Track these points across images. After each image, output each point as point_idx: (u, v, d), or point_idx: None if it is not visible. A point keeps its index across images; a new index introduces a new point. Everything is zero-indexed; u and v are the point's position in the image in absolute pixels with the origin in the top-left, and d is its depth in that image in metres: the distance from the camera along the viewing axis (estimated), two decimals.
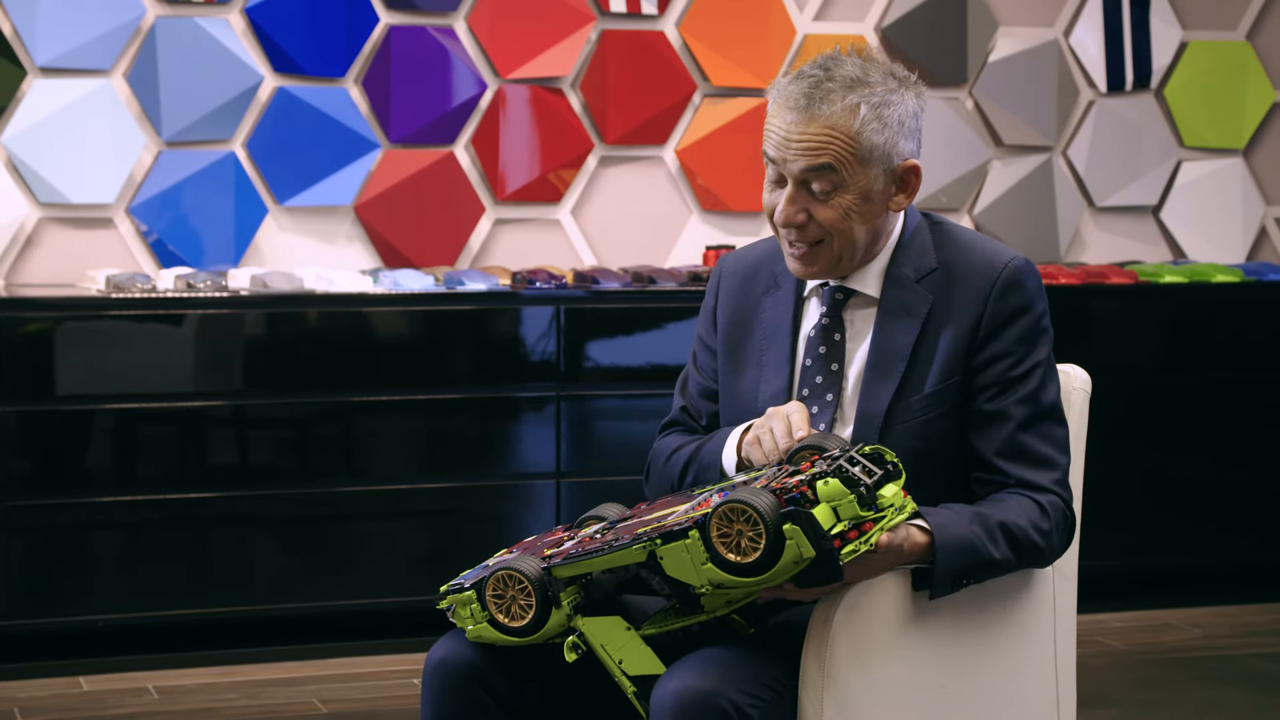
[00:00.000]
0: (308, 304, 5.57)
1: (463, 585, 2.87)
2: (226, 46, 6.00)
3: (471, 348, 5.71)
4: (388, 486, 5.63)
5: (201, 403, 5.50)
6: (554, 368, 5.74)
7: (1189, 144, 6.91)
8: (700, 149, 6.43)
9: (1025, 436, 2.91)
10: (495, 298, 5.72)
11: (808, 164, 2.90)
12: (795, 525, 2.63)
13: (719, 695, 2.67)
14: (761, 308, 3.09)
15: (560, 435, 5.75)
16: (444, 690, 2.88)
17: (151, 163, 5.97)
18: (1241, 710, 5.09)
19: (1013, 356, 2.92)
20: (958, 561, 2.79)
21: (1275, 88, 7.00)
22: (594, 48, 6.34)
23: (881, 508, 2.71)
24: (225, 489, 5.49)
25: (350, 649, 5.60)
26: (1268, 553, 6.39)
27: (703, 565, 2.69)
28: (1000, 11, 6.71)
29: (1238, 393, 6.30)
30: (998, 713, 2.93)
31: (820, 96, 2.89)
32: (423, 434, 5.68)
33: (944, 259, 2.99)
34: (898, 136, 2.92)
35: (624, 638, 2.81)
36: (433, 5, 6.17)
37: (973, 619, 2.89)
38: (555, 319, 5.73)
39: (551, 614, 2.79)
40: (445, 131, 6.21)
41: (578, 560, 2.78)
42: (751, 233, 6.49)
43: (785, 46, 6.50)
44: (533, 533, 5.69)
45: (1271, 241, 7.02)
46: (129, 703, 5.16)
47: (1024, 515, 2.87)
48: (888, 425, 2.92)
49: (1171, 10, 6.85)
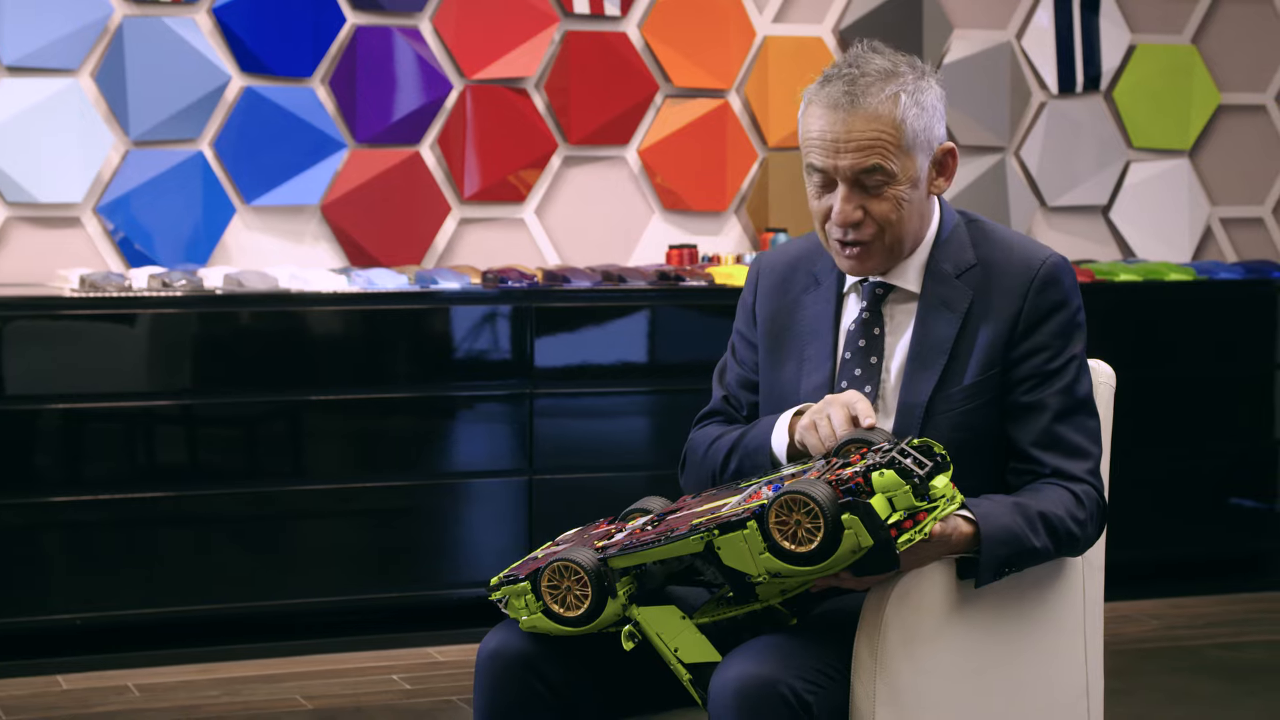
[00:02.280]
0: (285, 303, 5.60)
1: (517, 576, 2.92)
2: (194, 46, 6.01)
3: (445, 346, 5.74)
4: (364, 485, 5.66)
5: (189, 400, 5.52)
6: (527, 365, 5.78)
7: (1137, 145, 7.04)
8: (662, 149, 6.50)
9: (1061, 427, 3.00)
10: (469, 297, 5.77)
11: (859, 159, 2.96)
12: (854, 515, 2.70)
13: (779, 682, 2.74)
14: (801, 304, 3.16)
15: (532, 433, 5.80)
16: (497, 680, 2.93)
17: (119, 162, 5.97)
18: (1212, 699, 5.21)
19: (1050, 350, 3.01)
20: (1002, 551, 2.88)
21: (1220, 90, 7.14)
22: (558, 48, 6.39)
23: (934, 498, 2.78)
24: (220, 487, 5.51)
25: (327, 645, 5.63)
26: (1219, 545, 6.53)
27: (760, 555, 2.75)
28: (954, 14, 6.82)
29: (1191, 388, 6.43)
30: (1033, 698, 3.01)
31: (860, 91, 2.96)
32: (396, 432, 5.71)
33: (982, 256, 3.07)
34: (933, 121, 3.01)
35: (679, 626, 2.87)
36: (399, 6, 6.20)
37: (1010, 607, 2.97)
38: (528, 317, 5.77)
39: (607, 604, 2.85)
40: (411, 131, 6.25)
41: (635, 551, 2.84)
42: (712, 232, 6.57)
43: (745, 48, 6.58)
44: (509, 529, 5.75)
45: (1216, 241, 7.16)
46: (111, 701, 5.17)
47: (1061, 505, 2.95)
48: (929, 416, 3.00)
49: (1120, 13, 6.98)
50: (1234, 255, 7.16)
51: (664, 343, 5.94)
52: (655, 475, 5.86)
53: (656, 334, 5.93)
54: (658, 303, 5.92)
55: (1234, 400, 6.54)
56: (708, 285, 6.01)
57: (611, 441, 5.94)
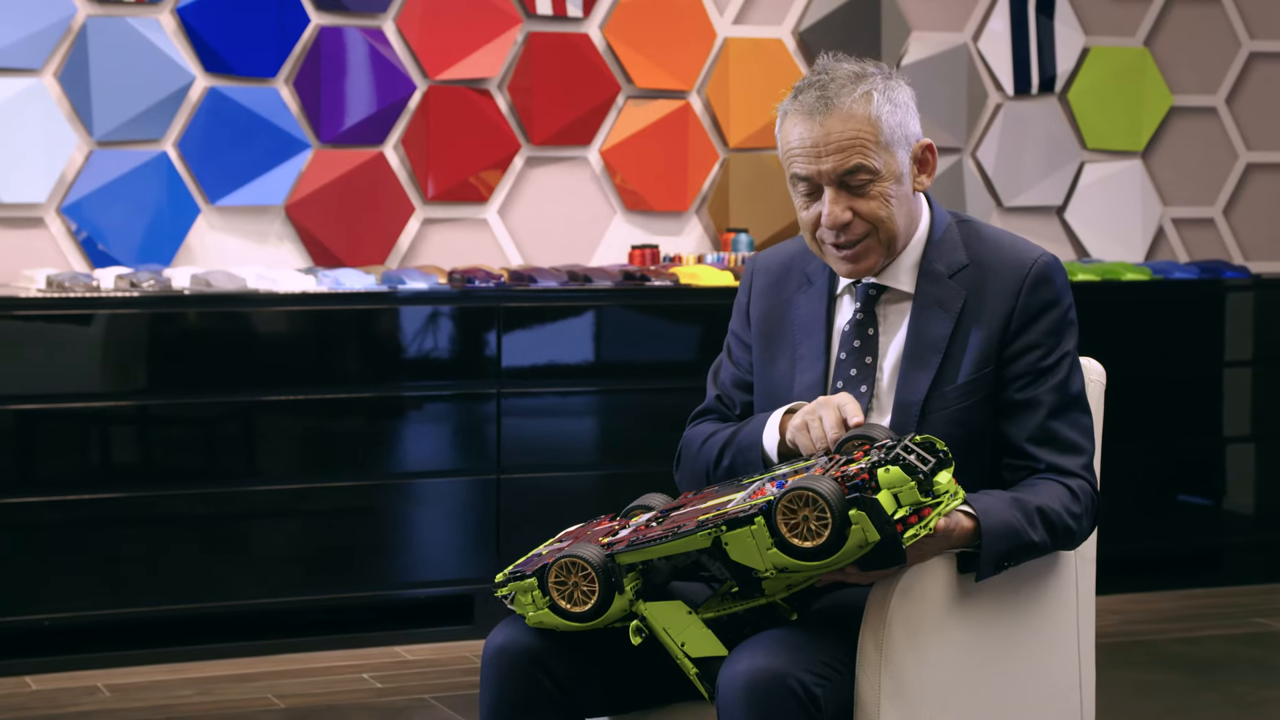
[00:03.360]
0: (254, 303, 5.60)
1: (524, 573, 2.96)
2: (158, 46, 6.01)
3: (412, 346, 5.76)
4: (329, 485, 5.68)
5: (161, 401, 5.53)
6: (494, 365, 5.81)
7: (1091, 146, 7.12)
8: (624, 150, 6.53)
9: (1055, 423, 3.05)
10: (437, 297, 5.79)
11: (841, 160, 3.02)
12: (861, 511, 2.75)
13: (787, 675, 2.78)
14: (795, 304, 3.21)
15: (500, 432, 5.82)
16: (504, 675, 2.97)
17: (83, 162, 5.96)
18: (1175, 692, 5.28)
19: (1043, 347, 3.07)
20: (1002, 545, 2.93)
21: (1172, 92, 7.23)
22: (520, 49, 6.42)
23: (938, 494, 2.83)
24: (182, 488, 5.52)
25: (296, 645, 5.65)
26: (1174, 541, 6.61)
27: (768, 550, 2.79)
28: (912, 16, 6.88)
29: (1147, 386, 6.51)
30: (1030, 689, 3.06)
31: (833, 94, 3.03)
32: (363, 432, 5.73)
33: (974, 255, 3.12)
34: (908, 117, 3.08)
35: (685, 621, 2.91)
36: (362, 6, 6.22)
37: (1008, 601, 3.02)
38: (496, 317, 5.80)
39: (614, 600, 2.88)
40: (375, 132, 6.26)
41: (642, 547, 2.88)
42: (674, 232, 6.61)
43: (706, 49, 6.62)
44: (477, 528, 5.77)
45: (1169, 241, 7.25)
46: (83, 701, 5.17)
47: (1057, 500, 3.01)
48: (925, 414, 3.05)
49: (1074, 16, 7.06)
50: (1185, 255, 7.25)
51: (631, 342, 5.98)
52: (623, 474, 5.91)
53: (624, 333, 5.96)
54: (625, 302, 5.96)
55: (1187, 399, 6.62)
56: (673, 285, 6.05)
57: (579, 441, 5.97)
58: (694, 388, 5.89)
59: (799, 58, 6.75)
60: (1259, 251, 7.37)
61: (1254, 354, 6.72)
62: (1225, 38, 7.32)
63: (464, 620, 5.83)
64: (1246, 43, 7.35)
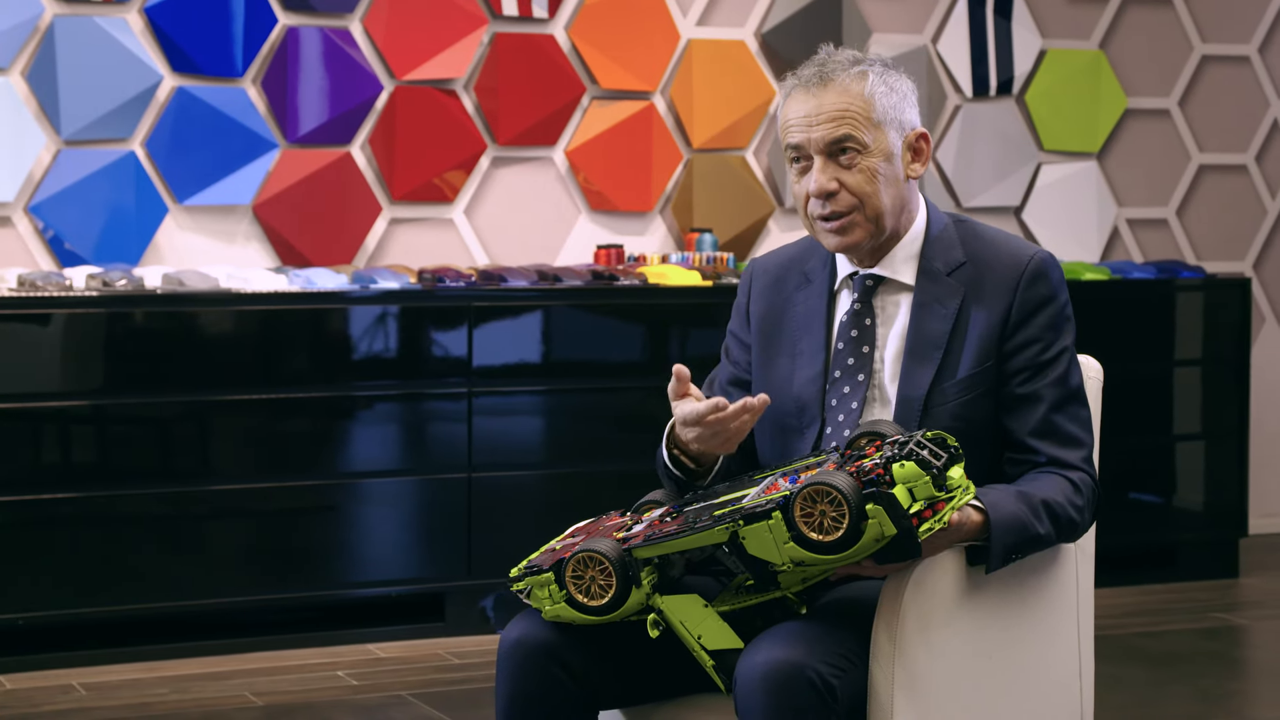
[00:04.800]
0: (228, 303, 5.61)
1: (540, 567, 2.99)
2: (125, 46, 6.01)
3: (384, 345, 5.78)
4: (299, 483, 5.69)
5: (136, 399, 5.54)
6: (466, 365, 5.84)
7: (1048, 147, 7.21)
8: (589, 150, 6.57)
9: (1056, 417, 3.12)
10: (410, 296, 5.81)
11: (830, 130, 3.11)
12: (878, 505, 2.80)
13: (806, 666, 2.83)
14: (794, 302, 3.27)
15: (471, 431, 5.85)
16: (520, 668, 3.00)
17: (50, 161, 5.96)
18: (1144, 685, 5.36)
19: (1042, 342, 3.14)
20: (1010, 538, 2.99)
21: (1127, 95, 7.32)
22: (486, 50, 6.45)
23: (950, 489, 2.88)
24: (144, 487, 5.53)
25: (273, 643, 5.66)
26: (1128, 537, 6.69)
27: (785, 544, 2.84)
28: (873, 19, 6.95)
29: (1106, 384, 6.57)
30: (1034, 680, 3.12)
31: (830, 70, 3.15)
32: (336, 430, 5.75)
33: (971, 253, 3.19)
34: (903, 103, 3.16)
35: (701, 614, 2.95)
36: (329, 7, 6.24)
37: (1013, 593, 3.08)
38: (468, 316, 5.83)
39: (631, 593, 2.92)
40: (342, 132, 6.28)
41: (659, 542, 2.92)
42: (638, 232, 6.65)
43: (670, 50, 6.67)
44: (450, 526, 5.80)
45: (1123, 241, 7.34)
46: (58, 700, 5.17)
47: (1060, 493, 3.07)
48: (927, 408, 3.11)
49: (1031, 19, 7.15)
50: (1140, 255, 7.35)
51: (603, 341, 6.02)
52: (595, 472, 5.95)
53: (595, 333, 6.00)
54: (596, 302, 6.00)
55: (1138, 398, 6.70)
56: (644, 285, 6.09)
57: (551, 440, 6.01)
58: (666, 387, 5.96)
59: (761, 59, 6.81)
60: (1211, 252, 7.48)
61: (1203, 353, 6.82)
62: (1178, 41, 7.42)
63: (435, 618, 5.85)
64: (1199, 46, 7.45)
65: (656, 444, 3.21)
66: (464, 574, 5.85)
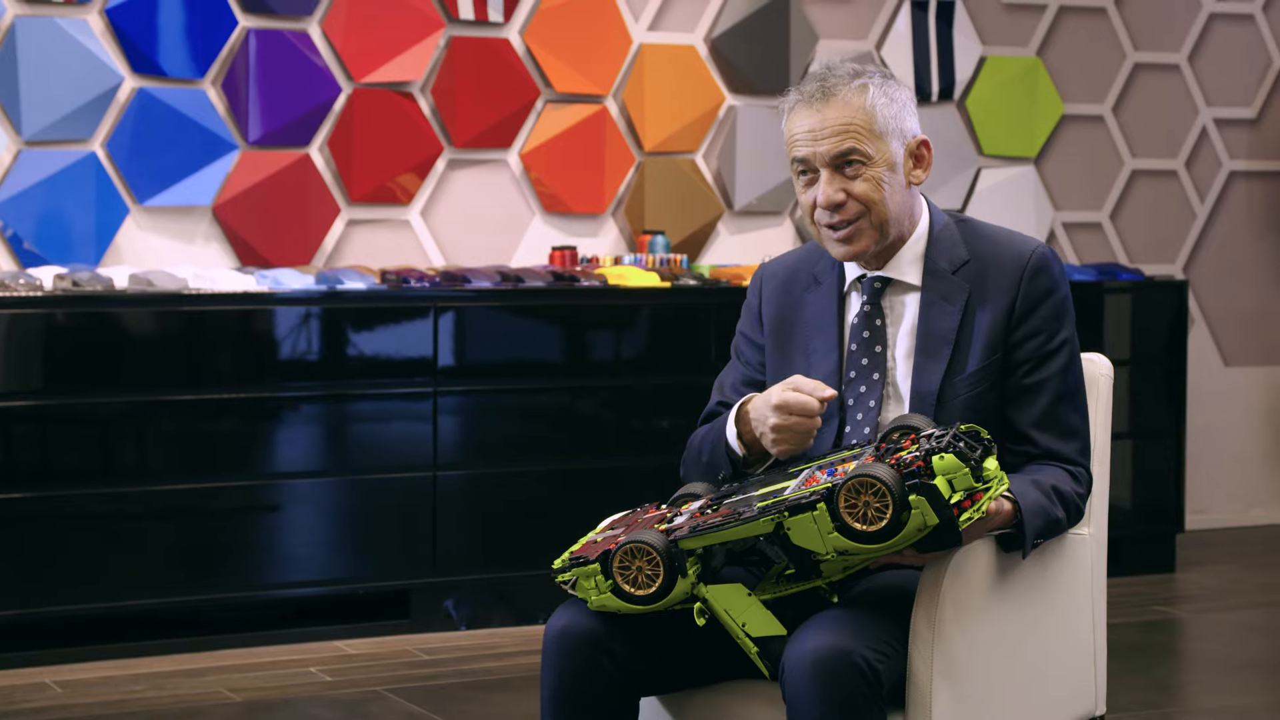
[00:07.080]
0: (194, 303, 5.64)
1: (586, 558, 3.07)
2: (86, 47, 6.02)
3: (350, 345, 5.83)
4: (276, 481, 5.73)
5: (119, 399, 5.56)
6: (431, 365, 5.90)
7: (987, 152, 7.36)
8: (543, 153, 6.65)
9: (1060, 408, 3.25)
10: (376, 296, 5.86)
11: (835, 144, 3.23)
12: (920, 496, 2.90)
13: (853, 651, 2.93)
14: (804, 303, 3.38)
15: (436, 431, 5.91)
16: (566, 657, 3.08)
17: (11, 162, 5.97)
18: (1112, 675, 5.48)
19: (1045, 333, 3.26)
20: (1038, 523, 3.12)
21: (1063, 101, 7.49)
22: (443, 53, 6.51)
23: (987, 479, 2.99)
24: (96, 486, 5.55)
25: (242, 640, 5.70)
26: None
27: (829, 534, 2.94)
28: (820, 25, 7.07)
29: None
30: (1055, 663, 3.24)
31: (831, 85, 3.26)
32: (301, 429, 5.79)
33: (974, 250, 3.32)
34: (903, 113, 3.28)
35: (745, 603, 3.04)
36: (289, 9, 6.28)
37: (1037, 580, 3.20)
38: (433, 316, 5.89)
39: (677, 583, 3.01)
40: (301, 133, 6.32)
41: (705, 532, 3.01)
42: (591, 234, 6.73)
43: (622, 54, 6.76)
44: (415, 525, 5.85)
45: (1060, 244, 7.51)
46: (35, 697, 5.18)
47: (1065, 481, 3.21)
48: (940, 402, 3.23)
49: (972, 27, 7.29)
50: (1076, 258, 7.51)
51: (566, 341, 6.09)
52: (561, 470, 6.02)
53: (560, 333, 6.08)
54: (560, 302, 6.07)
55: None
56: (605, 285, 6.17)
57: (517, 439, 6.07)
58: (631, 385, 6.06)
59: (712, 64, 6.91)
60: (1144, 254, 7.66)
61: (1131, 353, 6.98)
62: (1112, 49, 7.59)
63: (401, 615, 5.91)
64: (1131, 54, 7.63)
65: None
66: (430, 571, 5.90)
